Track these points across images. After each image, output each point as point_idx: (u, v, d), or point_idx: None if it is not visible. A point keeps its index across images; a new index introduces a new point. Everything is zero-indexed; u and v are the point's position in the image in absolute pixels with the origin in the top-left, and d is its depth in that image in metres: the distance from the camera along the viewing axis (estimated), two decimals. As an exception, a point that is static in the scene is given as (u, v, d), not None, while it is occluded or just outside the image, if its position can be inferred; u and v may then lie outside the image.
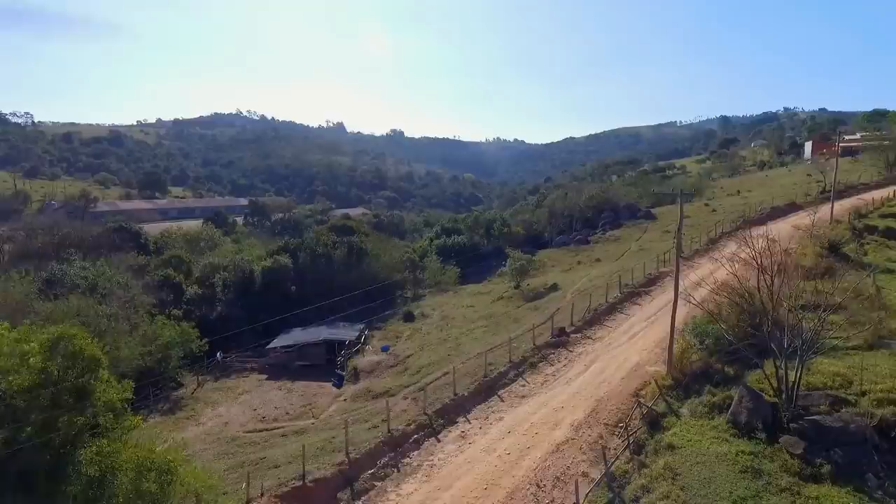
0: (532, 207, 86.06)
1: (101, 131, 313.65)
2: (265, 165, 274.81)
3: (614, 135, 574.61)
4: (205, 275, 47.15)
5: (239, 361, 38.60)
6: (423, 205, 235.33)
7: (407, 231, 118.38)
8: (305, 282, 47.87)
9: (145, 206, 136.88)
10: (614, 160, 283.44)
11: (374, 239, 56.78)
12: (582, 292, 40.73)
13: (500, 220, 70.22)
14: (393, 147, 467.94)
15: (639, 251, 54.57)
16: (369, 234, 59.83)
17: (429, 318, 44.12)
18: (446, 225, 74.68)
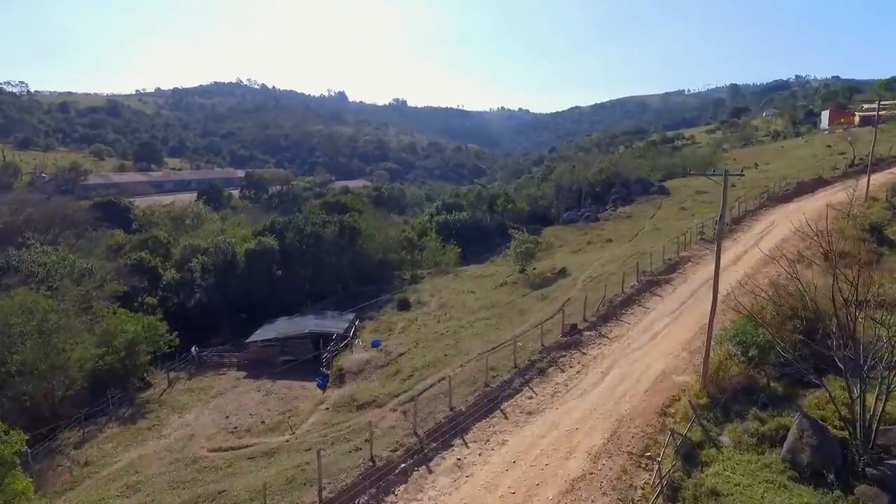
0: (537, 181, 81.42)
1: (98, 101, 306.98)
2: (265, 136, 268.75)
3: (621, 104, 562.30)
4: (184, 258, 43.33)
5: (217, 356, 35.00)
6: (426, 176, 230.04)
7: (408, 205, 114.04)
8: (293, 265, 44.02)
9: (139, 179, 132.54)
10: (621, 130, 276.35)
11: (368, 217, 52.59)
12: (594, 279, 36.71)
13: (503, 195, 65.81)
14: (396, 117, 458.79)
15: (653, 231, 50.31)
16: (364, 210, 55.63)
17: (426, 306, 40.30)
18: (447, 200, 70.37)
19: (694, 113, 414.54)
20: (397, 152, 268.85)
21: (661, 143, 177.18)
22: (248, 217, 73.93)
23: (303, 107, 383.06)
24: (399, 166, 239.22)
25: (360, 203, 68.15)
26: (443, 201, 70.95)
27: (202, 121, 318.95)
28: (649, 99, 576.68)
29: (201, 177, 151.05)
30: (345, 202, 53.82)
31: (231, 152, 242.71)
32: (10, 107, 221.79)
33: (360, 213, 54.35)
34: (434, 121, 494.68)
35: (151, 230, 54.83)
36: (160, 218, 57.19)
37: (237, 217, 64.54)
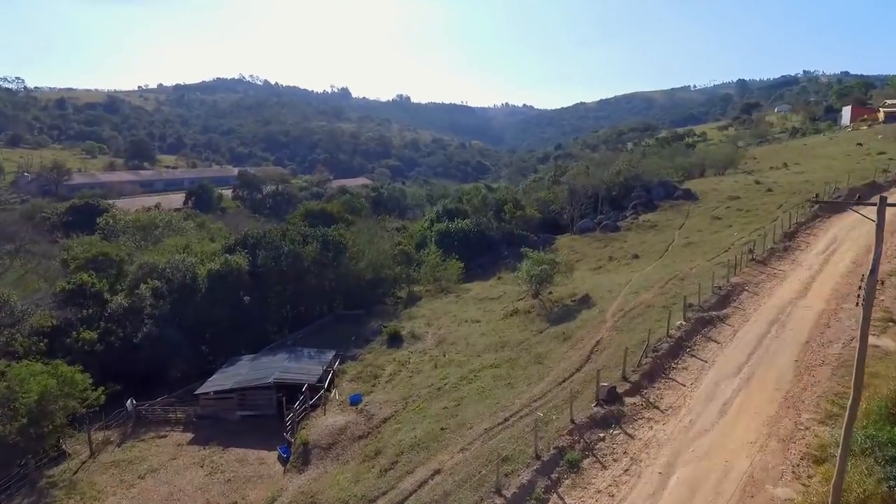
0: (547, 183, 74.12)
1: (98, 97, 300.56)
2: (265, 133, 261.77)
3: (626, 100, 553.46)
4: (137, 279, 36.42)
5: (162, 410, 28.04)
6: (428, 174, 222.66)
7: (408, 206, 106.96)
8: (266, 289, 37.04)
9: (128, 178, 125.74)
10: (628, 126, 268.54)
11: (359, 228, 45.44)
12: (626, 313, 29.54)
13: (512, 200, 58.55)
14: (399, 113, 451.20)
15: (687, 245, 43.02)
16: (354, 220, 48.48)
17: (421, 341, 33.22)
18: (449, 205, 63.17)
19: (701, 109, 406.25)
20: (400, 149, 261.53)
21: (672, 140, 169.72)
22: (232, 223, 66.96)
23: (305, 103, 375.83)
24: (401, 164, 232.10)
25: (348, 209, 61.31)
26: (444, 206, 63.71)
27: (203, 117, 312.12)
28: (655, 95, 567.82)
29: (195, 175, 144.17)
30: (331, 211, 46.72)
31: (230, 149, 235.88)
32: (6, 103, 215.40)
33: (350, 222, 47.26)
34: (438, 117, 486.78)
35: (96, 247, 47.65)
36: (126, 226, 50.15)
37: (217, 224, 57.51)
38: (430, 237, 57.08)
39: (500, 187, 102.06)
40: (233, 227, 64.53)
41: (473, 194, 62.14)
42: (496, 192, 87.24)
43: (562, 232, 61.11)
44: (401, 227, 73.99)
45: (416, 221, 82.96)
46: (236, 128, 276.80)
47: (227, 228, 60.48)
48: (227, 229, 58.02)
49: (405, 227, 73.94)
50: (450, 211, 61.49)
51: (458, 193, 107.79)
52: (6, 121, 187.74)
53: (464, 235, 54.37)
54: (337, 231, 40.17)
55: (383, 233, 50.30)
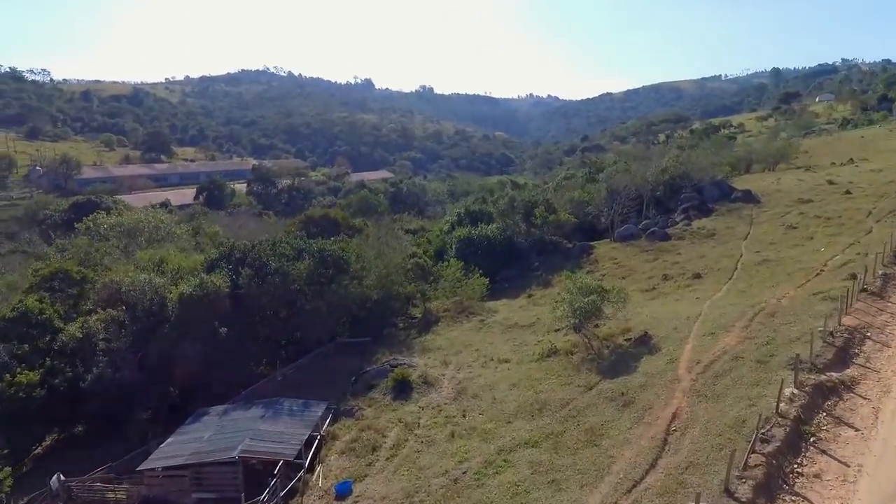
0: (581, 182, 66.10)
1: (124, 89, 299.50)
2: (286, 124, 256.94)
3: (654, 90, 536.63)
4: (98, 303, 30.13)
5: (99, 486, 21.59)
6: (451, 167, 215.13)
7: (428, 203, 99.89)
8: (249, 316, 30.42)
9: (141, 172, 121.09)
10: (659, 117, 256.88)
11: (363, 242, 38.38)
12: (707, 367, 21.93)
13: (543, 203, 50.89)
14: (422, 104, 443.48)
15: (762, 263, 34.96)
16: (362, 228, 41.49)
17: (435, 391, 26.16)
18: (471, 207, 55.81)
19: (734, 99, 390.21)
20: (422, 141, 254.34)
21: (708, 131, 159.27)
22: (235, 224, 60.77)
23: (327, 94, 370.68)
24: (423, 156, 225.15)
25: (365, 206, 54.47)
26: (465, 208, 56.32)
27: (226, 109, 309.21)
28: (684, 85, 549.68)
29: (210, 169, 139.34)
30: (335, 217, 39.73)
31: (251, 141, 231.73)
32: (31, 95, 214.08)
33: (357, 230, 40.27)
34: (461, 108, 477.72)
35: (54, 262, 41.56)
36: (109, 231, 43.98)
37: (214, 228, 51.11)
38: (450, 244, 49.99)
39: (527, 184, 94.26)
40: (234, 230, 58.29)
41: (499, 196, 54.42)
42: (523, 190, 79.63)
43: (599, 238, 53.42)
44: (419, 229, 67.02)
45: (436, 221, 75.91)
46: (258, 119, 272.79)
47: (227, 232, 54.15)
48: (226, 234, 51.65)
49: (424, 229, 66.94)
50: (472, 214, 54.15)
51: (481, 191, 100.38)
52: (30, 112, 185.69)
53: (488, 243, 47.04)
54: (337, 245, 33.17)
55: (395, 241, 43.11)
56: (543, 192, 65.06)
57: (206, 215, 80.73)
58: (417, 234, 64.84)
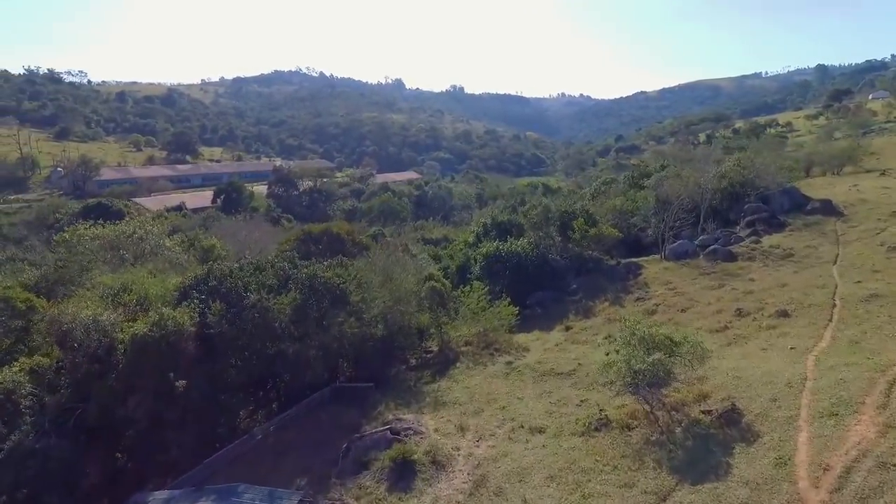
0: (623, 188, 58.40)
1: (159, 90, 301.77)
2: (315, 124, 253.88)
3: (690, 88, 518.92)
4: (44, 342, 24.57)
5: None
6: (480, 167, 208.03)
7: (454, 208, 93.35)
8: (221, 360, 24.35)
9: (163, 173, 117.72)
10: (698, 116, 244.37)
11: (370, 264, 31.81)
12: (844, 478, 14.72)
13: (583, 214, 43.64)
14: (452, 104, 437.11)
15: (870, 298, 27.10)
16: (370, 245, 34.97)
17: (445, 475, 19.53)
18: (499, 217, 48.87)
19: (776, 97, 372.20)
20: (451, 141, 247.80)
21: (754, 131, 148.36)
22: (242, 232, 55.18)
23: (357, 94, 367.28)
24: (452, 156, 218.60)
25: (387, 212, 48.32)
26: (492, 218, 49.40)
27: (257, 109, 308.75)
28: (722, 83, 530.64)
29: (233, 170, 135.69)
30: (338, 233, 33.26)
31: (280, 141, 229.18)
32: (67, 96, 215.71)
33: (364, 248, 33.83)
34: (491, 108, 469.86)
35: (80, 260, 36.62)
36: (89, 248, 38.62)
37: (210, 240, 45.44)
38: (474, 260, 43.24)
39: (560, 188, 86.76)
40: (241, 240, 52.70)
41: (531, 205, 47.32)
42: (557, 196, 72.30)
43: (645, 253, 46.01)
44: (442, 239, 60.52)
45: (461, 229, 69.30)
46: (288, 119, 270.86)
47: (231, 243, 48.52)
48: (226, 245, 45.96)
49: (447, 239, 60.42)
50: (500, 225, 47.26)
51: (511, 195, 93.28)
52: (64, 113, 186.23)
53: (518, 261, 40.09)
54: (333, 271, 26.74)
55: (408, 260, 36.57)
56: (580, 199, 57.71)
57: (218, 220, 75.87)
58: (440, 244, 58.36)
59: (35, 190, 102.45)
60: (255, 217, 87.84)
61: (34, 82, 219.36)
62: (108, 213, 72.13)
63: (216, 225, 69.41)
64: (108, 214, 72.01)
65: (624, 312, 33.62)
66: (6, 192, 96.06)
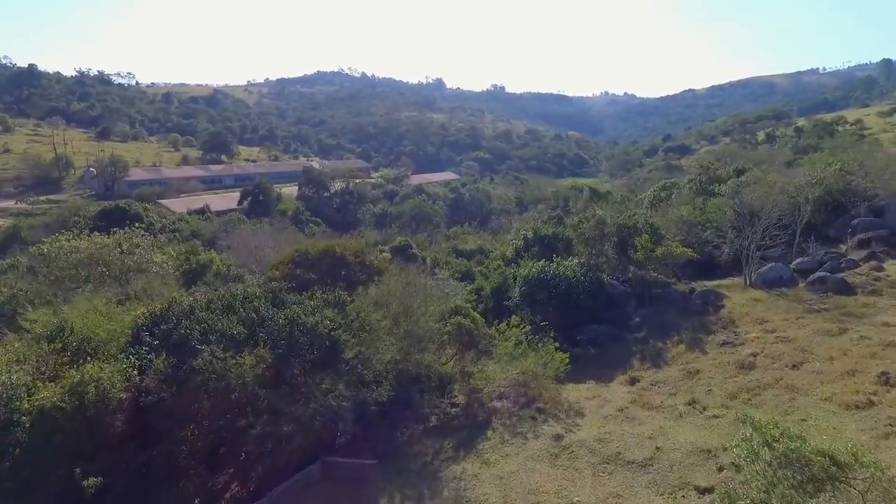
0: (691, 194, 49.49)
1: (205, 91, 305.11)
2: (353, 124, 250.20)
3: (741, 85, 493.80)
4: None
5: None
6: (521, 168, 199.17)
7: (493, 212, 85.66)
8: (168, 436, 17.83)
9: (195, 174, 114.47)
10: (754, 114, 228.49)
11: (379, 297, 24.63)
12: None
13: (647, 227, 35.41)
14: (493, 103, 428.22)
15: None
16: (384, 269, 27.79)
17: None
18: (542, 230, 40.98)
19: (836, 94, 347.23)
20: (491, 141, 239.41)
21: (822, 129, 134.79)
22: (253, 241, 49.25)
23: (397, 94, 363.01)
24: (492, 156, 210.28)
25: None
26: (534, 231, 41.57)
27: (298, 109, 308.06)
28: (776, 79, 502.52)
29: (268, 170, 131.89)
30: (342, 255, 26.21)
31: (318, 141, 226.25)
32: (114, 97, 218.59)
33: (377, 273, 26.79)
34: (532, 107, 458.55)
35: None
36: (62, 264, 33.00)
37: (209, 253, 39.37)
38: (513, 280, 35.67)
39: (610, 193, 77.91)
40: (251, 251, 46.70)
41: (582, 218, 39.22)
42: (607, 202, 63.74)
43: (719, 274, 37.52)
44: (476, 251, 53.11)
45: (500, 238, 61.71)
46: (327, 119, 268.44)
47: (234, 256, 42.48)
48: (227, 260, 39.85)
49: (483, 251, 52.95)
50: (544, 239, 39.43)
51: (555, 199, 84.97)
52: (110, 114, 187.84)
53: (567, 287, 32.26)
54: (322, 314, 19.68)
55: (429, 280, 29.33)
56: (637, 207, 49.25)
57: (239, 224, 70.67)
58: (474, 257, 50.95)
59: (68, 190, 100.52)
60: (282, 220, 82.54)
61: (84, 83, 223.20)
62: (125, 217, 67.80)
63: (236, 230, 64.08)
64: (126, 218, 67.76)
65: (708, 363, 25.52)
66: (37, 192, 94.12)
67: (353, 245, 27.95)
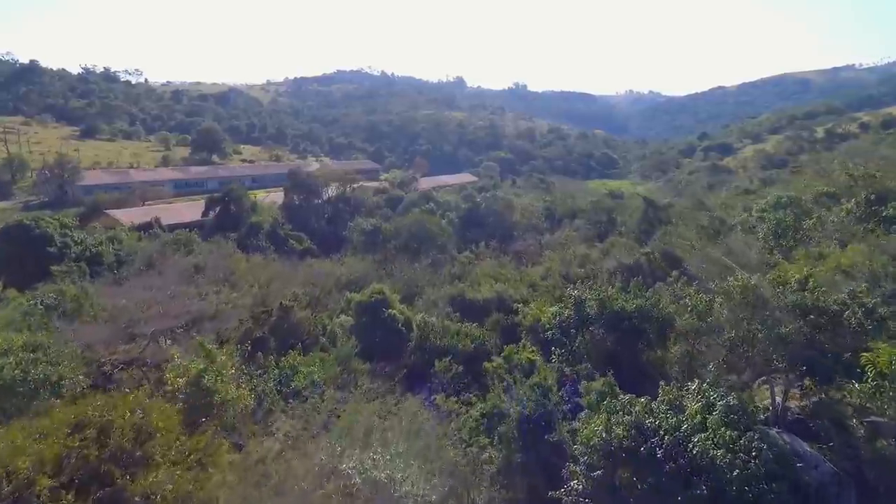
0: (853, 226, 29.11)
1: (219, 90, 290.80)
2: (366, 122, 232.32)
3: (774, 82, 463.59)
4: None
5: None
6: (545, 169, 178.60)
7: (516, 227, 65.94)
8: None
9: (169, 176, 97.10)
10: (803, 110, 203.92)
11: None
12: None
13: (871, 315, 15.91)
14: (514, 102, 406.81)
15: None
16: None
17: None
18: (617, 304, 21.22)
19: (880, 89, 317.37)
20: (512, 139, 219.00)
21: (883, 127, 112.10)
22: (121, 299, 31.06)
23: (416, 92, 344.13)
24: (513, 156, 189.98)
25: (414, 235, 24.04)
26: (600, 302, 21.85)
27: (314, 108, 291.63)
28: (811, 76, 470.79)
29: (259, 172, 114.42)
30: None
31: (329, 140, 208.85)
32: (118, 94, 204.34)
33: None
34: (555, 105, 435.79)
35: None
36: None
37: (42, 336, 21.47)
38: (567, 444, 16.40)
39: (671, 204, 57.59)
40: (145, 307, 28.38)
41: (701, 302, 19.30)
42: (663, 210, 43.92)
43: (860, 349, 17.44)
44: (492, 302, 33.58)
45: (526, 271, 42.32)
46: (341, 118, 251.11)
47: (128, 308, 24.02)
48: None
49: (502, 300, 33.42)
50: (619, 320, 19.95)
51: (595, 212, 65.05)
52: (108, 112, 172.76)
53: (715, 480, 12.90)
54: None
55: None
56: (763, 240, 29.35)
57: (185, 245, 52.68)
58: (485, 314, 31.92)
59: (19, 196, 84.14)
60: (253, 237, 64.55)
61: (87, 80, 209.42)
62: (28, 239, 50.35)
63: (167, 259, 46.09)
64: (30, 241, 50.38)
65: None
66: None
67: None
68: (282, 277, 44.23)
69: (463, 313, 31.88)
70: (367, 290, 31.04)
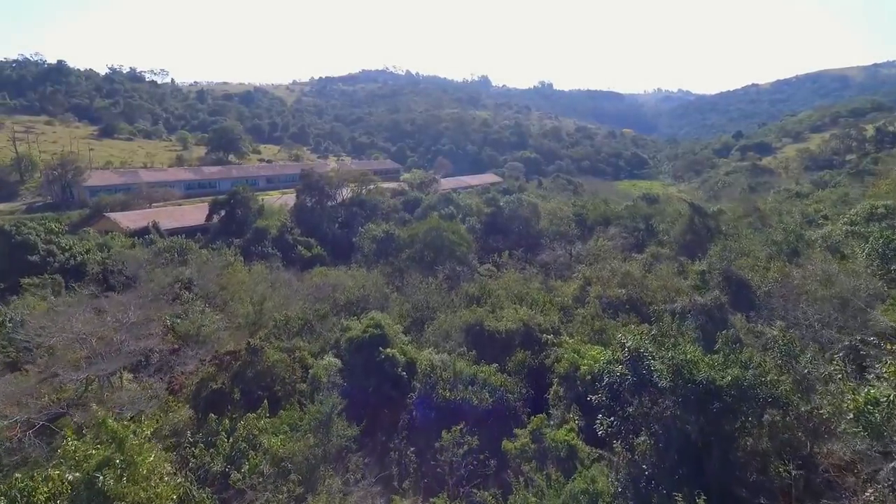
0: None
1: (244, 89, 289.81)
2: (390, 121, 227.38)
3: (810, 79, 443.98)
4: None
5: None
6: (572, 169, 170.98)
7: (543, 235, 59.47)
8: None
9: (181, 177, 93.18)
10: (847, 107, 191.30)
11: None
12: None
13: None
14: (539, 100, 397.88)
15: None
16: None
17: None
18: (700, 372, 14.77)
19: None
20: (538, 139, 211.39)
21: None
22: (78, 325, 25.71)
23: (440, 91, 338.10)
24: (539, 156, 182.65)
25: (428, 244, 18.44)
26: (674, 370, 15.52)
27: (338, 107, 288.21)
28: (849, 72, 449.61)
29: (274, 172, 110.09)
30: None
31: (352, 139, 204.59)
32: (143, 94, 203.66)
33: None
34: (581, 104, 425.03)
35: None
36: None
37: None
38: None
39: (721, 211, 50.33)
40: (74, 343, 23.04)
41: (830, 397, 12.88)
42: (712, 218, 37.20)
43: None
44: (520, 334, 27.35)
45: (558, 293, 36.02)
46: (364, 117, 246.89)
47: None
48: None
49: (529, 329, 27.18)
50: (696, 390, 13.68)
51: (631, 218, 58.29)
52: (132, 111, 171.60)
53: None
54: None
55: None
56: (862, 264, 22.67)
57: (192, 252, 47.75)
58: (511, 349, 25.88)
59: (24, 197, 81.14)
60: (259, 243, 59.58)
61: (113, 80, 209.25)
62: (9, 247, 46.11)
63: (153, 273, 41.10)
64: (12, 249, 46.07)
65: None
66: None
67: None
68: (281, 292, 38.88)
69: (480, 349, 25.82)
70: (364, 320, 25.24)
